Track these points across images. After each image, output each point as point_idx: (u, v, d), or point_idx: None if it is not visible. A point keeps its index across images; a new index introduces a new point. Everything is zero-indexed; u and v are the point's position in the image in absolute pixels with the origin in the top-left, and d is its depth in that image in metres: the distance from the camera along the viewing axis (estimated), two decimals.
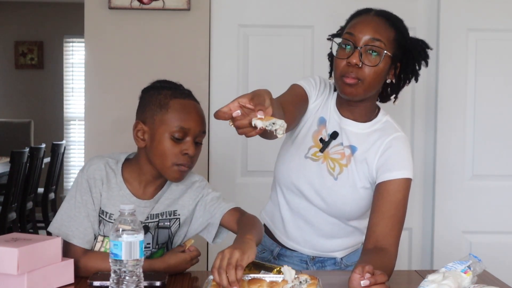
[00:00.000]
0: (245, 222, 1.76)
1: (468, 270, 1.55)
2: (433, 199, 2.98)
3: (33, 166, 5.24)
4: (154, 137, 1.76)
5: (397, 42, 1.86)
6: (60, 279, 1.62)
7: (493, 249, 2.94)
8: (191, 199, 1.86)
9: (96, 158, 1.83)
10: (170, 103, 1.76)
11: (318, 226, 1.97)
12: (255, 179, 2.89)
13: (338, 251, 2.01)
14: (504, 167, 2.99)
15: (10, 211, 4.87)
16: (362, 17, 1.88)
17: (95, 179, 1.78)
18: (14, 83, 7.60)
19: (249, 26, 2.97)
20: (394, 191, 1.86)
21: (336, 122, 1.95)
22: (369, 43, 1.82)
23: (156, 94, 1.79)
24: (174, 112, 1.76)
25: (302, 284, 1.52)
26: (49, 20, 7.54)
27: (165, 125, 1.75)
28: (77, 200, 1.76)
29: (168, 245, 1.87)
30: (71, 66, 7.64)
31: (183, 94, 1.81)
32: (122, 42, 2.91)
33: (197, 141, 1.78)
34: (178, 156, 1.74)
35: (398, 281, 1.76)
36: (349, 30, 1.86)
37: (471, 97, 2.97)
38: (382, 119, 1.96)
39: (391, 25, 1.87)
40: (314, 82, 1.98)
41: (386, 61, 1.84)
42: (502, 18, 2.96)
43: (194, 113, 1.78)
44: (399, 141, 1.91)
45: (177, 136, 1.74)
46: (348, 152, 1.92)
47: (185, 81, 2.88)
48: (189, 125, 1.75)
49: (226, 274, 1.48)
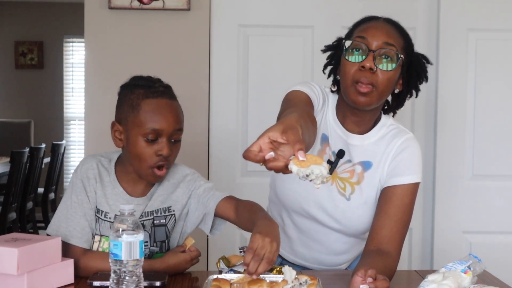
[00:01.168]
0: (251, 206, 1.74)
1: (468, 270, 1.55)
2: (433, 199, 2.98)
3: (33, 166, 5.24)
4: (129, 138, 1.75)
5: (405, 52, 1.79)
6: (60, 279, 1.62)
7: (493, 249, 2.93)
8: (184, 193, 1.85)
9: (88, 157, 1.83)
10: (142, 104, 1.74)
11: (329, 245, 1.92)
12: (255, 179, 2.89)
13: (344, 264, 1.99)
14: (504, 167, 2.99)
15: (10, 211, 4.87)
16: (372, 22, 1.80)
17: (89, 178, 1.78)
18: (14, 83, 7.60)
19: (249, 26, 2.97)
20: (402, 196, 1.81)
21: (340, 137, 1.85)
22: (383, 47, 1.73)
23: (129, 94, 1.77)
24: (146, 113, 1.73)
25: (302, 286, 1.52)
26: (49, 20, 7.54)
27: (137, 127, 1.73)
28: (73, 201, 1.76)
29: (167, 244, 1.85)
30: (71, 66, 7.64)
31: (157, 93, 1.76)
32: (122, 42, 2.91)
33: (173, 139, 1.76)
34: (153, 158, 1.73)
35: (398, 281, 1.75)
36: (360, 34, 1.76)
37: (471, 97, 2.97)
38: (386, 123, 1.88)
39: (401, 34, 1.80)
40: (317, 92, 1.84)
41: (399, 67, 1.77)
42: (502, 18, 2.96)
43: (167, 112, 1.75)
44: (410, 144, 1.84)
45: (150, 137, 1.72)
46: (360, 170, 1.84)
47: (185, 81, 2.90)
48: (161, 126, 1.73)
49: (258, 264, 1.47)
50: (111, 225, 1.76)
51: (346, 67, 1.76)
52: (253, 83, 2.96)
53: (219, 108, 2.96)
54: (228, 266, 1.72)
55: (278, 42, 2.97)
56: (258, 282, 1.53)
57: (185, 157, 2.88)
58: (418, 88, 1.88)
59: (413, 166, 1.83)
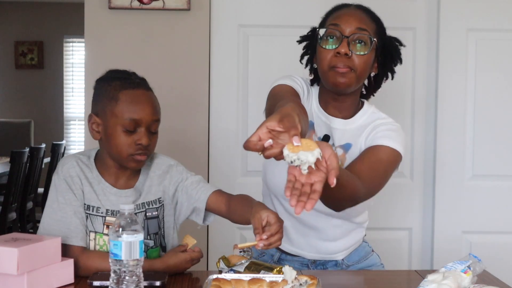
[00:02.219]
0: (244, 198, 1.79)
1: (468, 270, 1.55)
2: (433, 199, 2.98)
3: (33, 166, 5.24)
4: (107, 129, 1.77)
5: (378, 36, 1.86)
6: (60, 279, 1.62)
7: (493, 249, 2.93)
8: (171, 183, 1.87)
9: (66, 157, 1.84)
10: (120, 95, 1.75)
11: (323, 230, 1.95)
12: (255, 179, 2.88)
13: (340, 252, 2.00)
14: (504, 167, 2.99)
15: (10, 211, 4.87)
16: (344, 10, 1.87)
17: (72, 176, 1.78)
18: (14, 83, 7.60)
19: (249, 26, 2.97)
20: (377, 151, 1.80)
21: (324, 122, 1.92)
22: (357, 32, 1.81)
23: (106, 86, 1.78)
24: (124, 104, 1.75)
25: (302, 286, 1.52)
26: (49, 20, 7.54)
27: (116, 118, 1.75)
28: (60, 202, 1.76)
29: (160, 236, 1.86)
30: (71, 66, 7.65)
31: (133, 84, 1.78)
32: (122, 42, 2.91)
33: (151, 130, 1.77)
34: (132, 147, 1.75)
35: (398, 281, 1.76)
36: (334, 21, 1.84)
37: (471, 97, 2.97)
38: (369, 110, 1.95)
39: (372, 18, 1.88)
40: (300, 83, 1.91)
41: (373, 50, 1.84)
42: (502, 18, 2.96)
43: (144, 103, 1.77)
44: (390, 122, 1.89)
45: (129, 128, 1.74)
46: (341, 152, 1.90)
47: (185, 81, 2.90)
48: (140, 116, 1.74)
49: None
50: (103, 219, 1.78)
51: (322, 54, 1.83)
52: (253, 83, 2.96)
53: (219, 108, 2.96)
54: (228, 266, 1.72)
55: (278, 42, 2.97)
56: (258, 282, 1.53)
57: (185, 157, 2.89)
58: (393, 71, 1.94)
59: (394, 137, 1.83)
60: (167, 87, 2.89)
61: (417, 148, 2.99)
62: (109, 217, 1.79)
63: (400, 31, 2.92)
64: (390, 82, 2.00)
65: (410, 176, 3.00)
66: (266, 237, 1.55)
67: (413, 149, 2.98)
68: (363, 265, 2.03)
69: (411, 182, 3.00)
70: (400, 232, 3.03)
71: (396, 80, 2.01)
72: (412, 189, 3.01)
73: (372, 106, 1.97)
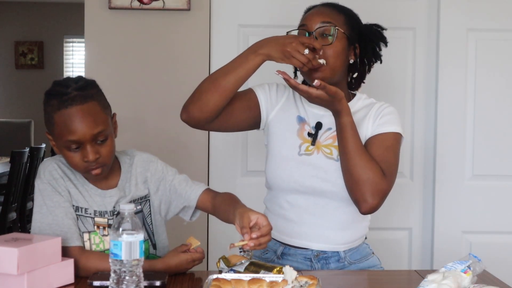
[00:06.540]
0: (228, 198, 1.85)
1: (468, 270, 1.55)
2: (433, 199, 2.98)
3: (33, 166, 5.24)
4: (58, 148, 1.77)
5: (349, 25, 1.97)
6: (60, 279, 1.62)
7: (493, 249, 2.93)
8: (152, 180, 1.88)
9: (46, 161, 1.83)
10: (55, 117, 1.72)
11: (331, 218, 1.98)
12: (255, 179, 2.88)
13: (344, 244, 2.00)
14: (504, 167, 2.99)
15: (10, 211, 4.87)
16: (311, 10, 2.01)
17: (56, 178, 1.78)
18: (14, 83, 7.61)
19: (249, 26, 2.97)
20: (382, 139, 1.94)
21: (317, 114, 2.01)
22: (321, 26, 1.93)
23: (46, 106, 1.75)
24: (60, 127, 1.71)
25: (302, 287, 1.52)
26: (49, 20, 7.55)
27: (58, 140, 1.74)
28: (49, 206, 1.75)
29: (150, 234, 1.88)
30: (71, 66, 7.65)
31: (68, 101, 1.70)
32: (122, 42, 2.91)
33: (98, 141, 1.73)
34: (82, 164, 1.73)
35: (398, 281, 1.76)
36: (302, 23, 1.99)
37: (471, 97, 2.97)
38: (362, 97, 2.06)
39: (339, 11, 1.99)
40: (269, 92, 2.09)
41: (341, 40, 1.94)
42: (502, 18, 2.96)
43: (80, 121, 1.69)
44: (387, 106, 2.01)
45: (72, 148, 1.72)
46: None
47: (185, 81, 2.90)
48: (77, 136, 1.70)
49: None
50: (92, 220, 1.78)
51: None
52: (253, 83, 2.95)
53: None
54: (228, 266, 1.72)
55: None
56: (258, 282, 1.53)
57: (185, 157, 2.89)
58: (377, 55, 2.06)
59: (393, 120, 1.98)
60: (167, 87, 2.89)
61: (417, 148, 2.99)
62: (97, 218, 1.79)
63: (400, 31, 2.95)
64: (390, 82, 2.01)
65: (410, 176, 3.00)
66: (256, 236, 1.60)
67: (413, 149, 2.98)
68: (364, 265, 2.03)
69: (411, 182, 3.00)
70: (400, 232, 3.03)
71: (396, 80, 2.02)
72: (412, 189, 3.01)
73: (364, 94, 2.08)
